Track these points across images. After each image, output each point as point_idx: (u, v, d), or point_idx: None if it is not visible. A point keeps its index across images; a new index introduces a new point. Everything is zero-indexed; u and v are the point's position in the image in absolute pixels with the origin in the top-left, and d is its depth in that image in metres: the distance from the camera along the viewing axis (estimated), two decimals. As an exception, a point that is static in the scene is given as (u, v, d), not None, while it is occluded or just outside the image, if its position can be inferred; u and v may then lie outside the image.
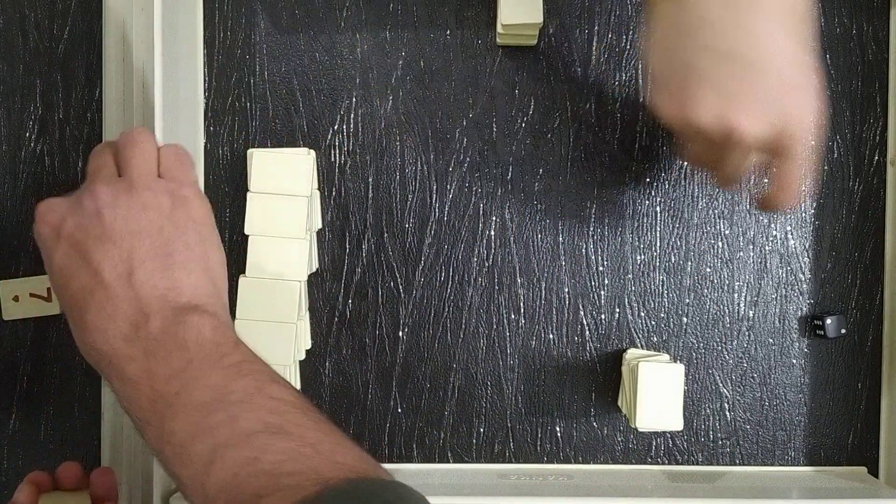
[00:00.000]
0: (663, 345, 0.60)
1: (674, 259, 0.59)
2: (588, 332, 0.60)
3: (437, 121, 0.59)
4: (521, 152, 0.59)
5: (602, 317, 0.59)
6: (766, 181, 0.50)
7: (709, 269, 0.59)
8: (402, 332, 0.60)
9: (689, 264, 0.59)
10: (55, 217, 0.44)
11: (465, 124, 0.59)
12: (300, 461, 0.37)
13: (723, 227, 0.59)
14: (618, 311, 0.59)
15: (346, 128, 0.60)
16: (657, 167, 0.59)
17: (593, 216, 0.59)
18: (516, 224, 0.60)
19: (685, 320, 0.59)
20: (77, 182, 0.52)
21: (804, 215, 0.59)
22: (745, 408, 0.60)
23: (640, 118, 0.59)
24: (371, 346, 0.60)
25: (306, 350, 0.59)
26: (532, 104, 0.59)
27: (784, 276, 0.59)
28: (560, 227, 0.59)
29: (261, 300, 0.55)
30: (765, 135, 0.42)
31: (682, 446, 0.60)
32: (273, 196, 0.55)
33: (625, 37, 0.59)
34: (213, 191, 0.60)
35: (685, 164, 0.59)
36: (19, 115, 0.60)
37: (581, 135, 0.59)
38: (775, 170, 0.45)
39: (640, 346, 0.59)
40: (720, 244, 0.59)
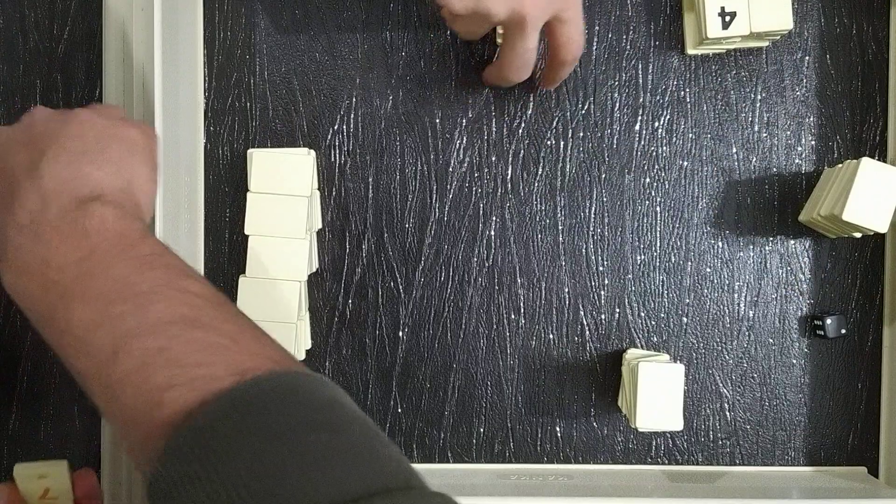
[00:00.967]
0: (663, 345, 0.59)
1: (674, 259, 0.59)
2: (588, 332, 0.60)
3: (437, 121, 0.59)
4: (521, 152, 0.59)
5: (602, 317, 0.59)
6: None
7: (709, 269, 0.59)
8: (402, 332, 0.60)
9: (689, 264, 0.59)
10: None
11: (464, 124, 0.59)
12: (216, 352, 0.35)
13: (723, 227, 0.59)
14: (618, 311, 0.59)
15: (346, 128, 0.60)
16: (657, 167, 0.59)
17: (593, 216, 0.59)
18: (516, 224, 0.60)
19: (685, 320, 0.59)
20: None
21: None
22: (745, 408, 0.60)
23: (639, 118, 0.59)
24: (371, 346, 0.60)
25: (306, 350, 0.59)
26: (532, 104, 0.59)
27: (784, 276, 0.59)
28: (560, 227, 0.59)
29: (261, 300, 0.55)
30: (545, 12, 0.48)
31: (682, 446, 0.60)
32: (273, 196, 0.55)
33: (625, 37, 0.59)
34: (213, 191, 0.60)
35: (683, 164, 0.59)
36: (19, 115, 0.59)
37: (581, 135, 0.59)
38: (557, 39, 0.51)
39: (640, 346, 0.59)
40: (720, 244, 0.59)
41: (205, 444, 0.31)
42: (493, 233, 0.60)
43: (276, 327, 0.55)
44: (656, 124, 0.59)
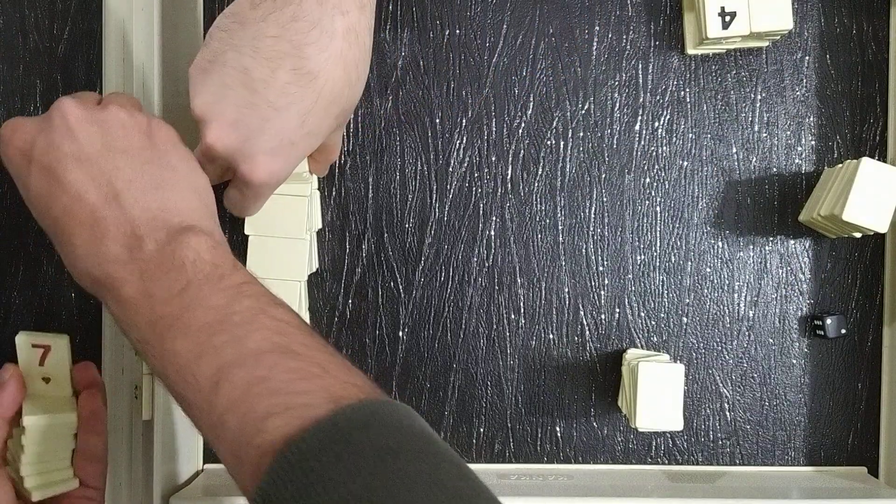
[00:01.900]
0: (663, 345, 0.60)
1: (674, 259, 0.59)
2: (588, 332, 0.60)
3: (437, 121, 0.59)
4: (521, 152, 0.59)
5: (602, 317, 0.59)
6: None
7: (709, 269, 0.59)
8: (402, 332, 0.60)
9: (689, 264, 0.59)
10: (23, 138, 0.41)
11: (464, 124, 0.59)
12: (311, 380, 0.36)
13: (723, 227, 0.59)
14: (618, 311, 0.59)
15: (345, 128, 0.60)
16: (657, 167, 0.59)
17: (593, 216, 0.59)
18: (516, 224, 0.60)
19: (685, 320, 0.59)
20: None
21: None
22: (745, 408, 0.60)
23: (639, 118, 0.59)
24: (371, 346, 0.60)
25: (306, 350, 0.59)
26: (532, 104, 0.59)
27: (784, 276, 0.59)
28: (560, 227, 0.59)
29: (261, 300, 0.55)
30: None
31: (682, 446, 0.60)
32: (273, 196, 0.55)
33: (625, 37, 0.59)
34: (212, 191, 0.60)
35: (683, 164, 0.59)
36: (19, 115, 0.59)
37: (581, 135, 0.59)
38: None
39: (640, 346, 0.60)
40: (720, 244, 0.59)
41: (309, 468, 0.33)
42: (493, 233, 0.60)
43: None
44: (656, 124, 0.59)
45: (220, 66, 0.44)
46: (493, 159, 0.59)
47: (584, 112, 0.59)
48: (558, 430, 0.60)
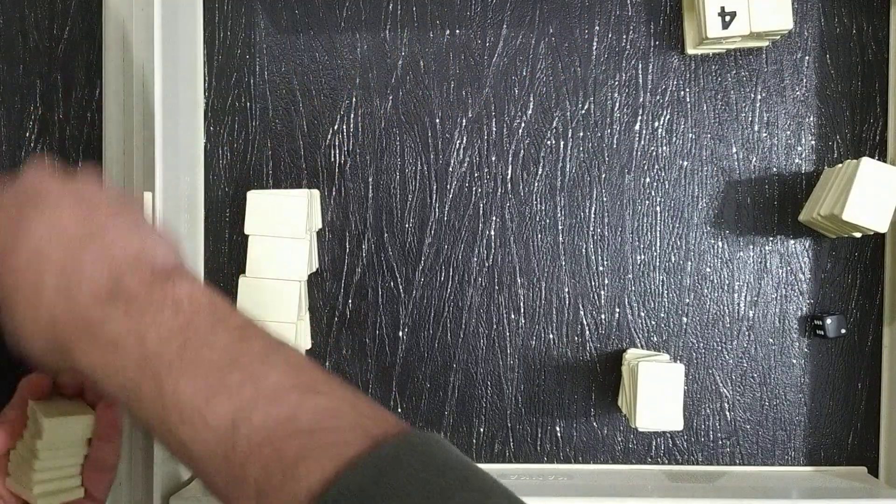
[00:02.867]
0: (663, 345, 0.59)
1: (674, 259, 0.59)
2: (588, 332, 0.60)
3: (437, 121, 0.59)
4: (521, 152, 0.59)
5: (602, 317, 0.59)
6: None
7: (709, 269, 0.59)
8: (402, 332, 0.60)
9: (689, 264, 0.59)
10: None
11: (464, 124, 0.59)
12: (341, 418, 0.33)
13: (723, 227, 0.59)
14: (618, 311, 0.59)
15: (346, 128, 0.60)
16: (657, 167, 0.59)
17: (593, 216, 0.59)
18: (516, 224, 0.60)
19: (685, 320, 0.59)
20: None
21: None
22: (745, 408, 0.60)
23: (639, 118, 0.59)
24: (371, 346, 0.60)
25: (306, 350, 0.59)
26: (532, 104, 0.59)
27: (784, 276, 0.59)
28: (560, 227, 0.59)
29: (261, 300, 0.55)
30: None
31: (682, 446, 0.60)
32: (273, 196, 0.55)
33: (625, 37, 0.59)
34: (213, 191, 0.60)
35: (683, 164, 0.59)
36: (19, 115, 0.60)
37: (581, 135, 0.59)
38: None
39: (640, 346, 0.59)
40: (720, 244, 0.59)
41: None
42: (493, 233, 0.60)
43: (276, 327, 0.54)
44: (656, 124, 0.59)
45: None
46: (493, 159, 0.59)
47: (584, 112, 0.59)
48: (558, 429, 0.60)
